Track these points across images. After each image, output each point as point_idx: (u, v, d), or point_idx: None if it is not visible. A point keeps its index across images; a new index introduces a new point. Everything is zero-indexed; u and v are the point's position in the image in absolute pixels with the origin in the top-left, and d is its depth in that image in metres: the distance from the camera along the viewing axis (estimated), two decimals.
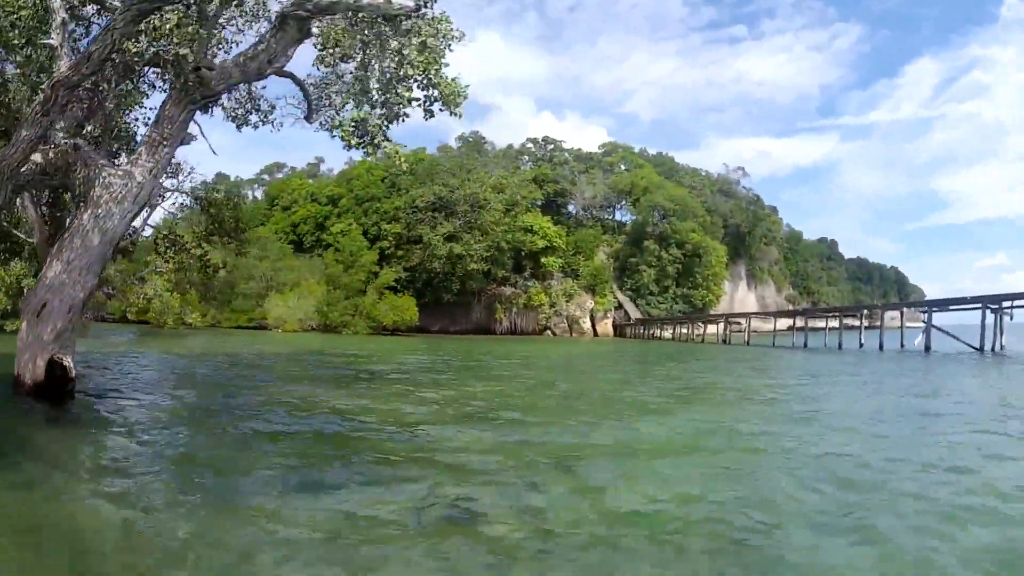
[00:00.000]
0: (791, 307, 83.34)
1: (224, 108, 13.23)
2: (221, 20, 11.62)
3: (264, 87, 13.70)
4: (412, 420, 10.07)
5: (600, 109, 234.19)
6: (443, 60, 10.69)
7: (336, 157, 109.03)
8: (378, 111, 11.24)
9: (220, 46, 12.67)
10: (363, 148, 11.24)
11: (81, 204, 10.50)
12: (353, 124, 11.13)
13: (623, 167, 76.58)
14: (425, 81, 10.66)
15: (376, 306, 60.54)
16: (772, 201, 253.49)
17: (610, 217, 74.44)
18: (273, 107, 13.55)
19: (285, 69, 11.63)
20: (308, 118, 12.96)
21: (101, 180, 10.08)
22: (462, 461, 7.23)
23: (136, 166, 10.30)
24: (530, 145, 78.13)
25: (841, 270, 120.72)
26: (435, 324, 68.85)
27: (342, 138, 11.03)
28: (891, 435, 9.41)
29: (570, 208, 73.08)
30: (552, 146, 76.93)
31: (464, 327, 67.56)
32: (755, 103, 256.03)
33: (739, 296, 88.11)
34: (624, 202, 72.12)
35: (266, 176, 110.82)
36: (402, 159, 12.12)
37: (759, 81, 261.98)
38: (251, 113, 13.60)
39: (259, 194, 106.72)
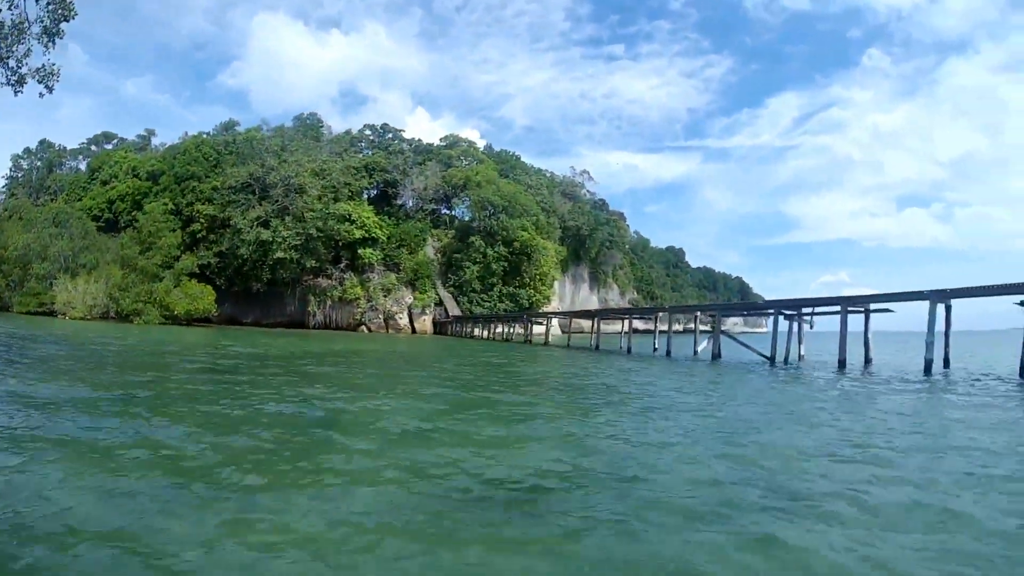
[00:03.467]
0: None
1: None
2: None
3: None
4: None
5: (476, 111, 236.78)
6: None
7: (171, 131, 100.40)
8: None
9: None
10: None
11: None
12: None
13: (464, 161, 75.44)
14: None
15: (170, 294, 55.47)
16: (635, 212, 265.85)
17: (446, 211, 72.90)
18: None
19: None
20: None
21: None
22: None
23: None
24: (368, 132, 75.25)
25: (687, 277, 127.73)
26: (247, 316, 64.56)
27: None
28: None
29: (405, 200, 70.84)
30: (391, 135, 74.56)
31: (278, 320, 63.73)
32: (625, 119, 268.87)
33: (581, 297, 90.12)
34: (459, 197, 70.95)
35: (94, 147, 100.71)
36: None
37: (631, 99, 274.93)
38: None
39: (83, 166, 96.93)
